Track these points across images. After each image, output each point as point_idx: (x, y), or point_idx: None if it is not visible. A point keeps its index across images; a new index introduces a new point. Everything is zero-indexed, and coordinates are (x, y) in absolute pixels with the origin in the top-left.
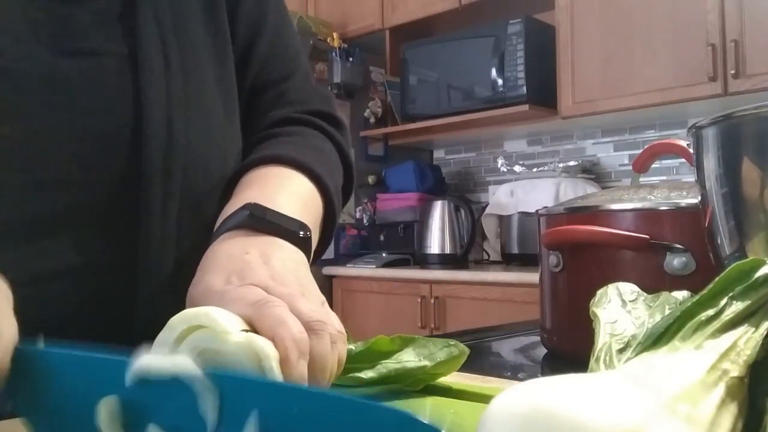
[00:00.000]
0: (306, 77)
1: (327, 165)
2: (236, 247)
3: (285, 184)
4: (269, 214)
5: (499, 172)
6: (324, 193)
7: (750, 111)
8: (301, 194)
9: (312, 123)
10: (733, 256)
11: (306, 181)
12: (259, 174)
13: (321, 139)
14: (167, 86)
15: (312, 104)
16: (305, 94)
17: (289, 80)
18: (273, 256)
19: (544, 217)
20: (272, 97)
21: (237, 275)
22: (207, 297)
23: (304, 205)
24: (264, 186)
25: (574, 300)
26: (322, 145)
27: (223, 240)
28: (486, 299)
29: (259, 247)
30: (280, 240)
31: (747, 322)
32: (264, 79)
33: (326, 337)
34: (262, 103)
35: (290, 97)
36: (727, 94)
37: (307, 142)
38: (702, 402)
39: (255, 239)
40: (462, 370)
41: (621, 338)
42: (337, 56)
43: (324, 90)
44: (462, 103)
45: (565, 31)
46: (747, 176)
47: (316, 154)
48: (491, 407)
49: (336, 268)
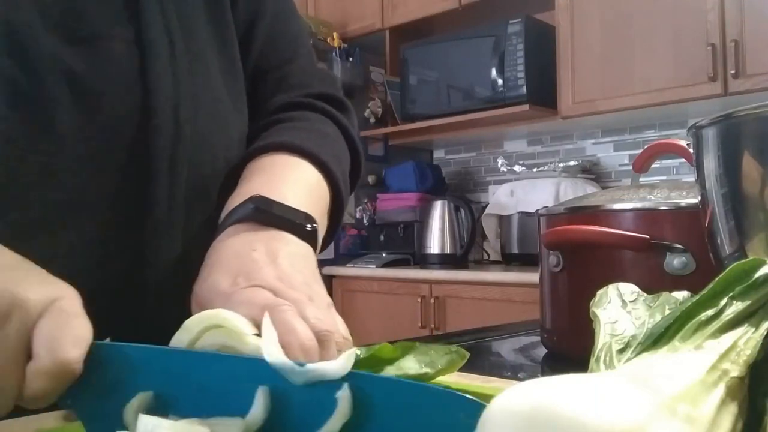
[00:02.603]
0: (309, 60)
1: (333, 151)
2: (242, 243)
3: (291, 173)
4: (275, 207)
5: (499, 172)
6: (330, 180)
7: (750, 111)
8: (308, 183)
9: (316, 107)
10: (733, 256)
11: (312, 169)
12: (263, 163)
13: (326, 123)
14: (174, 73)
15: (315, 87)
16: (308, 77)
17: (290, 63)
18: (280, 253)
19: (544, 217)
20: (274, 81)
21: (244, 275)
22: (213, 297)
23: (310, 195)
24: (269, 175)
25: (574, 300)
26: (327, 130)
27: (228, 234)
28: (486, 299)
29: (265, 242)
30: (286, 234)
31: (747, 322)
32: (265, 63)
33: (333, 346)
34: (265, 88)
35: (292, 81)
36: (727, 94)
37: (311, 128)
38: (702, 402)
39: (261, 234)
40: (462, 370)
41: (621, 338)
42: (337, 56)
43: (327, 72)
44: (462, 103)
45: (565, 31)
46: (747, 176)
47: (322, 139)
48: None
49: (336, 268)
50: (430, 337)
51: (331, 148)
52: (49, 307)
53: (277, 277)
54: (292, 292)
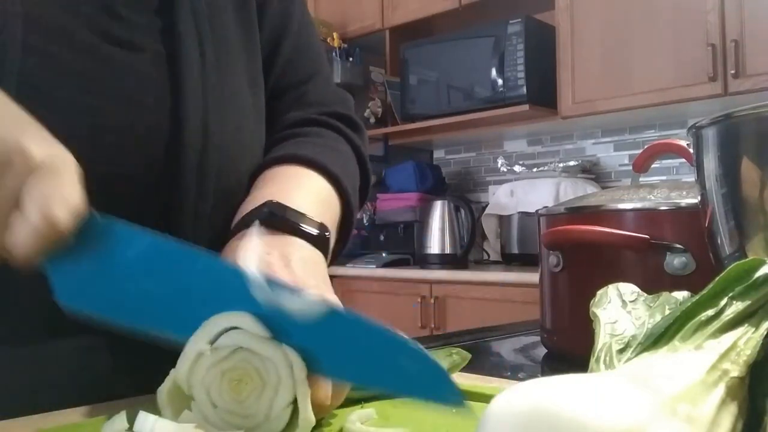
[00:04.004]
0: (327, 79)
1: (344, 166)
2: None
3: (303, 183)
4: (289, 213)
5: (499, 172)
6: (341, 193)
7: (750, 111)
8: (319, 194)
9: (330, 125)
10: (733, 256)
11: (323, 182)
12: (276, 172)
13: (338, 141)
14: (204, 86)
15: (331, 106)
16: (325, 96)
17: (309, 82)
18: (293, 258)
19: (544, 217)
20: (293, 98)
21: None
22: None
23: (321, 205)
24: (282, 184)
25: (574, 300)
26: (340, 147)
27: (242, 237)
28: (486, 299)
29: (279, 247)
30: (299, 240)
31: (747, 322)
32: (286, 81)
33: None
34: (283, 104)
35: (310, 99)
36: (727, 94)
37: (325, 143)
38: (702, 402)
39: (275, 239)
40: (462, 370)
41: (621, 338)
42: (337, 56)
43: (343, 92)
44: (462, 103)
45: (565, 31)
46: (747, 176)
47: (334, 155)
48: (491, 407)
49: (336, 268)
50: (430, 337)
51: (343, 163)
52: (48, 164)
53: (291, 280)
54: None
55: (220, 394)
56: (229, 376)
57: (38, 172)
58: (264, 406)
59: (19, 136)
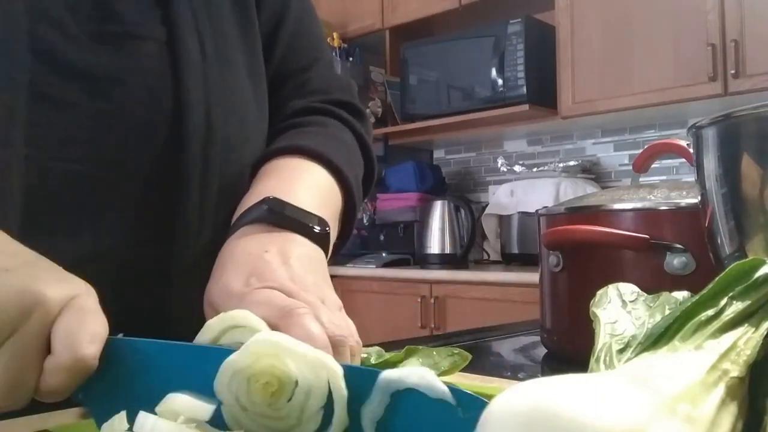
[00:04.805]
0: (328, 66)
1: (347, 156)
2: (255, 243)
3: (304, 176)
4: (288, 209)
5: (499, 172)
6: (343, 185)
7: (750, 111)
8: (320, 187)
9: (333, 113)
10: (733, 256)
11: (325, 173)
12: (277, 165)
13: (341, 130)
14: (205, 76)
15: (333, 93)
16: (327, 83)
17: (311, 69)
18: (292, 255)
19: (544, 217)
20: (294, 86)
21: (256, 276)
22: (226, 298)
23: (322, 198)
24: (283, 178)
25: (574, 300)
26: (343, 136)
27: (241, 235)
28: (486, 299)
29: (277, 244)
30: (298, 236)
31: (747, 322)
32: (286, 68)
33: (347, 351)
34: (284, 92)
35: (312, 87)
36: (727, 94)
37: (327, 133)
38: (702, 402)
39: (273, 235)
40: (462, 370)
41: (621, 338)
42: (337, 56)
43: (346, 78)
44: (462, 103)
45: (565, 31)
46: (747, 176)
47: (336, 144)
48: (491, 407)
49: (336, 268)
50: (430, 337)
51: (346, 153)
52: (68, 304)
53: (290, 278)
54: (305, 294)
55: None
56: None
57: (61, 313)
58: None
59: (35, 284)
